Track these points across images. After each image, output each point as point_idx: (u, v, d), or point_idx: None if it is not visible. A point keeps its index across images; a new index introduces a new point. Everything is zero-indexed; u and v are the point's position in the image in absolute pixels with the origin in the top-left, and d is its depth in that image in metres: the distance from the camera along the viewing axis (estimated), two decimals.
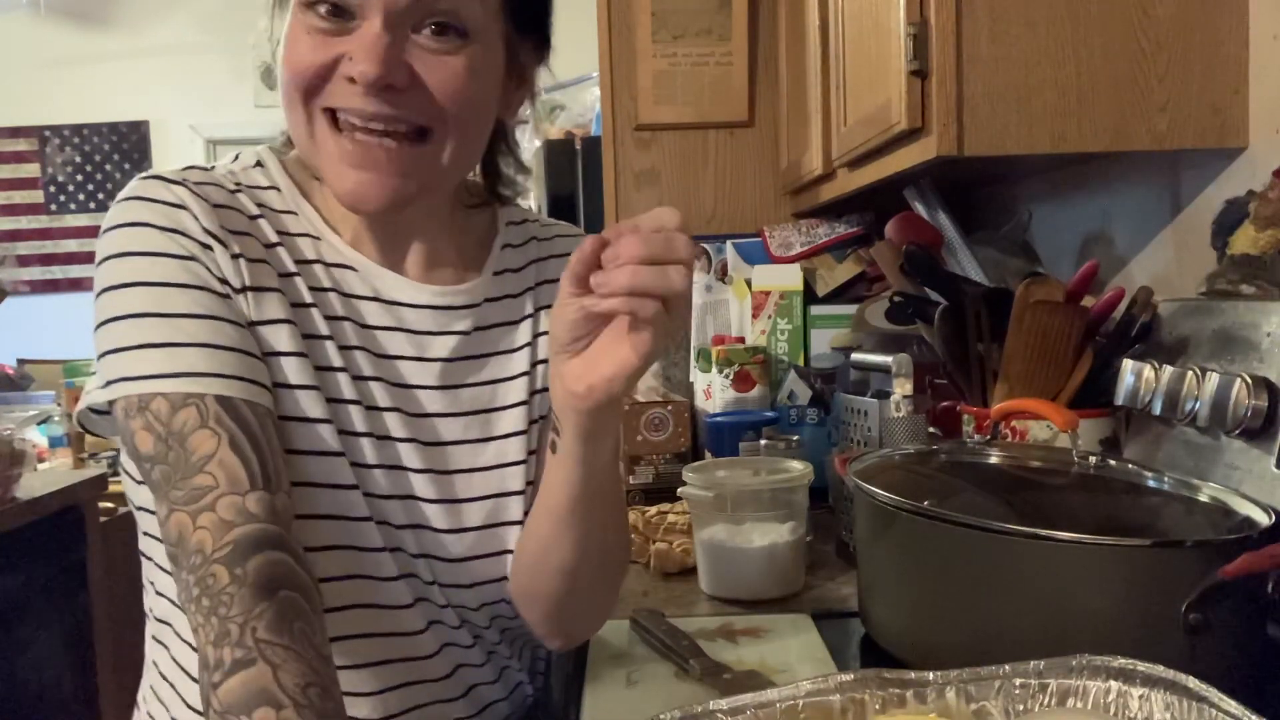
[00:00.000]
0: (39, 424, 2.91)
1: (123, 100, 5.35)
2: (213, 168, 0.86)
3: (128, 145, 5.41)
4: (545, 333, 0.90)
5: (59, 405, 3.05)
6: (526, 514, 0.88)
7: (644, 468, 1.63)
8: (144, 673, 0.93)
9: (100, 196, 5.39)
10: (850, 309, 1.75)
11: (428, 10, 0.77)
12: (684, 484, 1.17)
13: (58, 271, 5.40)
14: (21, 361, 4.24)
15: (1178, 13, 1.09)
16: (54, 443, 2.90)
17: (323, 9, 0.77)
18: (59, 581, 2.36)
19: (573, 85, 2.88)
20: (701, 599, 1.15)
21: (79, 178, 5.42)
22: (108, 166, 5.41)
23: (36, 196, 5.41)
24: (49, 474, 2.56)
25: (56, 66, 5.30)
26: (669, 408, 1.64)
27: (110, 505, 2.56)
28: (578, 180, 2.43)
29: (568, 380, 0.74)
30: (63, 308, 5.26)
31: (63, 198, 5.42)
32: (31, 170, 5.41)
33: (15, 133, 5.37)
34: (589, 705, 0.88)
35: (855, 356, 1.45)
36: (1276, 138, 1.06)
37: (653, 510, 1.33)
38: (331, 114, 0.79)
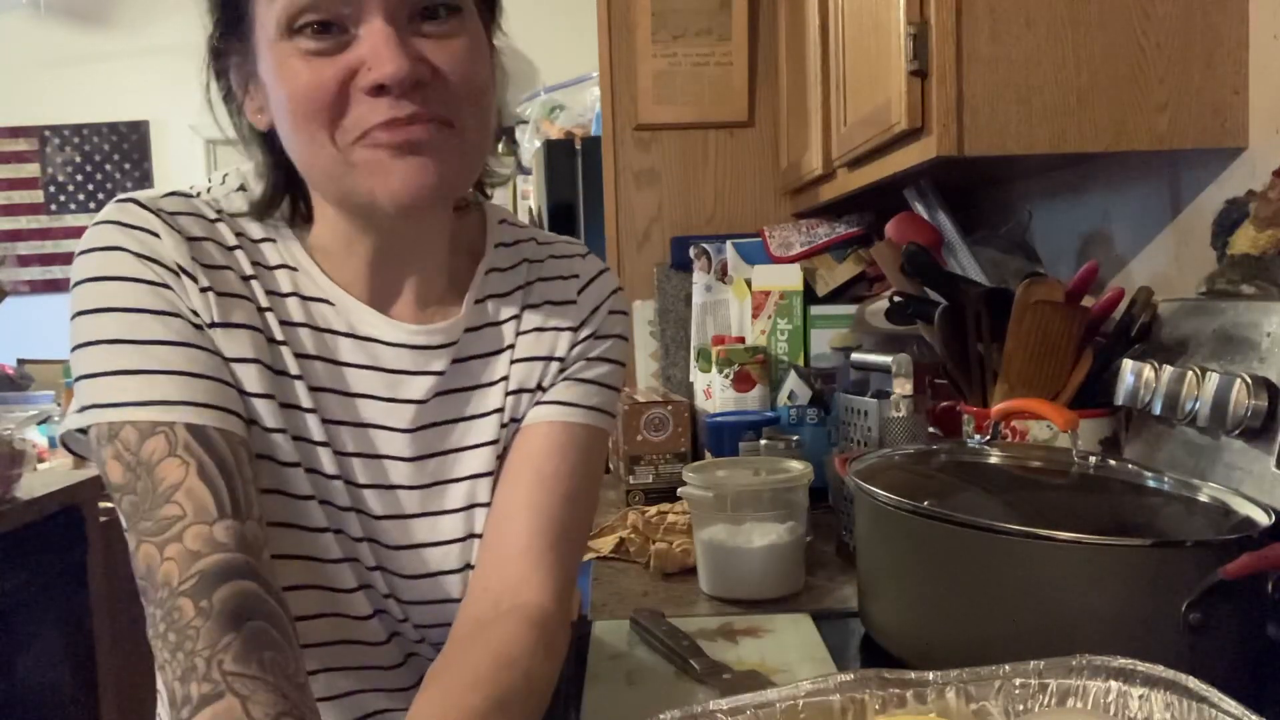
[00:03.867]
0: (39, 424, 2.90)
1: (123, 100, 5.34)
2: (196, 194, 0.82)
3: (128, 145, 5.41)
4: (524, 359, 0.87)
5: (59, 405, 3.04)
6: None
7: (644, 468, 1.63)
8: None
9: (100, 196, 5.38)
10: (850, 309, 1.75)
11: None
12: (684, 484, 1.17)
13: (58, 271, 5.39)
14: (21, 361, 4.23)
15: (1178, 13, 1.09)
16: (54, 443, 2.89)
17: (310, 30, 0.71)
18: (59, 581, 2.36)
19: (573, 85, 2.88)
20: (701, 599, 1.15)
21: (79, 178, 5.41)
22: (108, 166, 5.41)
23: (36, 196, 5.41)
24: (49, 474, 2.55)
25: (56, 66, 5.30)
26: (669, 408, 1.64)
27: (110, 505, 2.56)
28: (578, 180, 2.43)
29: None
30: (63, 308, 5.06)
31: (63, 198, 5.41)
32: (31, 170, 5.40)
33: (15, 133, 5.37)
34: (589, 705, 0.88)
35: (855, 356, 1.45)
36: (1276, 138, 1.06)
37: (653, 510, 1.33)
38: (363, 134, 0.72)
